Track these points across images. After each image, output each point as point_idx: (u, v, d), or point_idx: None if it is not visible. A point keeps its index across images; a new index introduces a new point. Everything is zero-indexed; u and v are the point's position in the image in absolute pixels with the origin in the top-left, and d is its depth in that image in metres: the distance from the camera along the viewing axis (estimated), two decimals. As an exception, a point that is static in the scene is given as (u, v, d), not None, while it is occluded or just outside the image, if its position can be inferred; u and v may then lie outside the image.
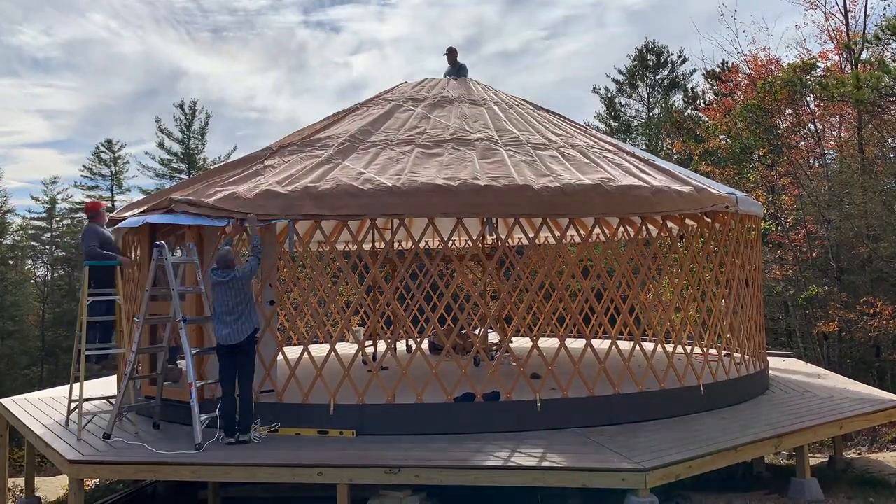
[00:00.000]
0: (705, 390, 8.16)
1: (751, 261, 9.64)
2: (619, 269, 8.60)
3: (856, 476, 8.61)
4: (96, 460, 6.87)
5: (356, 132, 9.33)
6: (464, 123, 9.64)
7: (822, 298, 17.28)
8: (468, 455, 6.53)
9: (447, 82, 11.41)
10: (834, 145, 21.48)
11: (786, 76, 18.41)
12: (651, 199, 7.99)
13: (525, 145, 9.04)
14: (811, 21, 30.10)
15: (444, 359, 7.76)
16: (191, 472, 6.70)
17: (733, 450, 6.72)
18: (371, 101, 10.84)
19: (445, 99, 10.56)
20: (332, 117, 10.51)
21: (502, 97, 11.13)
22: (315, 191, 7.66)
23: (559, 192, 7.68)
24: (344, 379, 7.54)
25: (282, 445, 7.08)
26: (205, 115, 40.81)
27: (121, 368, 8.83)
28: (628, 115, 36.65)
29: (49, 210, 41.51)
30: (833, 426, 7.87)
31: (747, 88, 21.71)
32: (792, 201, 20.17)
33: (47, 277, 42.24)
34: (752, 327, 9.54)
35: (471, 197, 7.56)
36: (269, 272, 8.08)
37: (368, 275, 10.73)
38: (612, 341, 7.95)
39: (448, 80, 11.64)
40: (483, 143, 8.90)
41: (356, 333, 13.66)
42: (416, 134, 9.23)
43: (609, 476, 6.05)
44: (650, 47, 36.06)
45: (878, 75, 15.21)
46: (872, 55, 18.17)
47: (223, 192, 7.93)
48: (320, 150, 8.98)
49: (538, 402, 7.39)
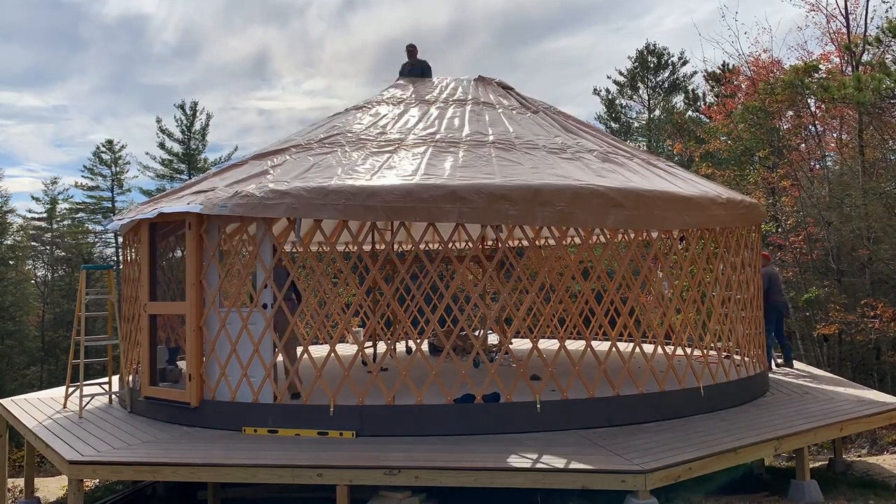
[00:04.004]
0: (705, 392, 8.16)
1: (751, 263, 9.64)
2: (619, 271, 8.59)
3: (856, 478, 8.61)
4: (95, 461, 6.86)
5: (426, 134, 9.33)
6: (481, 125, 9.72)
7: (822, 300, 17.27)
8: (468, 456, 6.52)
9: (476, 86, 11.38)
10: (835, 147, 21.48)
11: (787, 78, 18.40)
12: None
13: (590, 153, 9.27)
14: (812, 23, 30.09)
15: (443, 360, 7.75)
16: (190, 473, 6.69)
17: (733, 452, 6.71)
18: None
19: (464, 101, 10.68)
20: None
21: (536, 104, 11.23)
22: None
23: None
24: (344, 380, 7.54)
25: (282, 446, 7.08)
26: (205, 115, 40.87)
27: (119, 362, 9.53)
28: (629, 117, 36.68)
29: (49, 210, 41.55)
30: (833, 428, 7.86)
31: (748, 90, 21.72)
32: (792, 203, 20.17)
33: (47, 278, 42.29)
34: (753, 329, 9.54)
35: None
36: (269, 273, 8.07)
37: (368, 276, 10.73)
38: (612, 343, 7.94)
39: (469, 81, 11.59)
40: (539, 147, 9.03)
41: (356, 334, 13.66)
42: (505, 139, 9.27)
43: (609, 478, 6.04)
44: (651, 49, 36.08)
45: (879, 77, 15.19)
46: (873, 57, 18.15)
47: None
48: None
49: (538, 404, 7.39)
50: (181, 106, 40.21)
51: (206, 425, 7.92)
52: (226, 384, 7.94)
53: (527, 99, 11.33)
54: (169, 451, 7.05)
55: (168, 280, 9.21)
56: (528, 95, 11.57)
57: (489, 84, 11.63)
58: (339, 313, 14.36)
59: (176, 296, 8.87)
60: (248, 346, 7.83)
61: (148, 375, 8.57)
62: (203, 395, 8.06)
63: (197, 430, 7.86)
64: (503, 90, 11.49)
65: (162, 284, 9.00)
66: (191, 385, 8.02)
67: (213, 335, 8.07)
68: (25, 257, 40.32)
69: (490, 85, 11.58)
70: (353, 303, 11.43)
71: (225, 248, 8.95)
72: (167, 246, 9.27)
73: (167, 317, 9.02)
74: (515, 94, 11.46)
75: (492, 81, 11.73)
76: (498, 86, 11.60)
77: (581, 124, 11.00)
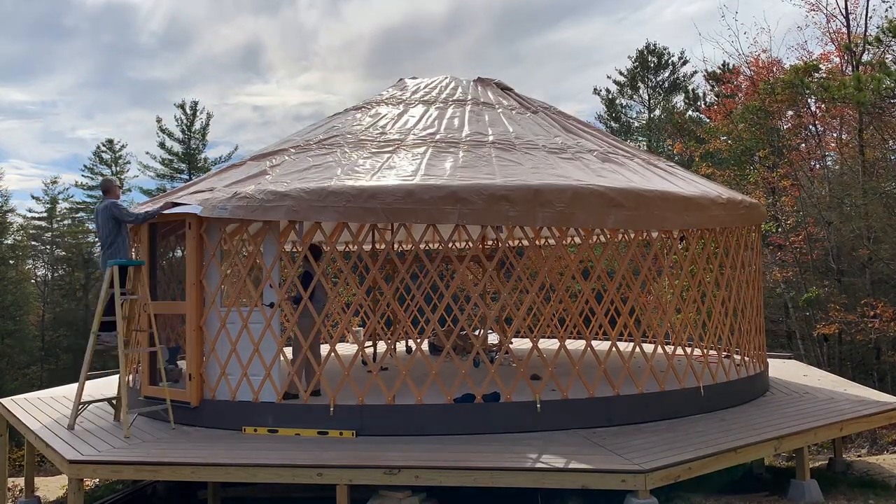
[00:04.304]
0: (705, 392, 8.16)
1: (750, 262, 9.64)
2: (620, 271, 8.60)
3: (856, 478, 8.61)
4: (96, 460, 6.86)
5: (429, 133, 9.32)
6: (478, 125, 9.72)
7: (822, 300, 17.27)
8: (468, 456, 6.52)
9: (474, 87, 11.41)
10: (835, 147, 21.49)
11: (787, 78, 18.41)
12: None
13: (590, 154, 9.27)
14: (812, 23, 30.12)
15: (443, 360, 7.76)
16: (191, 473, 6.69)
17: (733, 451, 6.71)
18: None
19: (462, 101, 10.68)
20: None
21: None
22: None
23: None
24: (344, 379, 7.54)
25: (282, 445, 7.09)
26: (206, 115, 40.88)
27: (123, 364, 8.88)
28: (629, 117, 36.70)
29: (50, 210, 41.56)
30: (833, 428, 7.86)
31: (748, 90, 21.72)
32: (792, 203, 20.17)
33: (48, 277, 42.30)
34: (753, 329, 9.54)
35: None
36: (269, 273, 8.07)
37: (368, 275, 10.73)
38: (612, 342, 7.95)
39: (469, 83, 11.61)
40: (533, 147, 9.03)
41: (356, 334, 13.67)
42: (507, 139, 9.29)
43: (609, 477, 6.05)
44: (651, 49, 36.09)
45: (879, 77, 15.20)
46: (873, 57, 18.16)
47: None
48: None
49: (538, 403, 7.39)
50: (181, 105, 40.28)
51: (207, 425, 7.92)
52: (226, 384, 7.95)
53: (526, 99, 11.33)
54: (169, 451, 7.05)
55: (168, 280, 9.19)
56: (527, 95, 11.57)
57: (488, 85, 11.62)
58: (339, 313, 14.37)
59: (176, 295, 8.86)
60: (248, 346, 7.84)
61: (147, 375, 8.57)
62: (203, 395, 8.07)
63: (197, 429, 7.86)
64: (502, 91, 11.49)
65: (162, 284, 9.00)
66: (191, 385, 8.03)
67: (213, 335, 8.08)
68: (25, 257, 40.34)
69: (489, 86, 11.58)
70: (354, 302, 11.43)
71: (226, 248, 8.95)
72: (167, 245, 9.26)
73: (167, 316, 9.01)
74: (514, 94, 11.46)
75: (491, 82, 11.73)
76: (497, 86, 11.60)
77: (581, 124, 11.01)
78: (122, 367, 7.94)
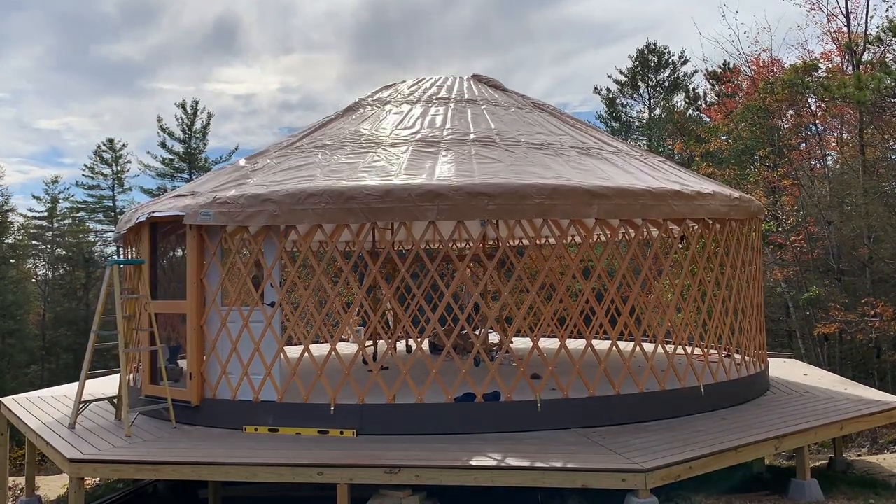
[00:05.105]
0: (706, 391, 8.16)
1: (751, 262, 9.63)
2: (620, 270, 8.60)
3: (856, 477, 8.61)
4: (96, 459, 6.87)
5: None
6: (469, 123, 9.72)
7: (822, 300, 17.27)
8: (468, 455, 6.52)
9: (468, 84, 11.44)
10: (835, 147, 21.49)
11: (788, 77, 18.41)
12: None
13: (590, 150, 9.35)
14: (813, 22, 30.11)
15: (444, 359, 7.76)
16: (192, 471, 6.70)
17: (734, 450, 6.71)
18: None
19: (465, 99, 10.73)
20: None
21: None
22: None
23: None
24: (344, 379, 7.55)
25: (282, 445, 7.09)
26: (206, 114, 40.91)
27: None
28: (630, 116, 36.70)
29: (50, 209, 41.60)
30: (833, 427, 7.86)
31: (748, 89, 21.72)
32: (793, 202, 20.17)
33: (48, 276, 42.33)
34: (753, 328, 9.53)
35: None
36: (269, 272, 8.07)
37: (368, 275, 10.73)
38: (613, 342, 7.95)
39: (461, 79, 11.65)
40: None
41: (356, 333, 13.67)
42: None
43: (609, 476, 6.05)
44: (651, 48, 36.09)
45: (879, 76, 15.21)
46: (874, 56, 18.18)
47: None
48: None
49: (538, 403, 7.40)
50: (182, 105, 40.31)
51: (207, 424, 7.93)
52: (227, 383, 7.96)
53: (512, 94, 11.42)
54: (170, 450, 7.06)
55: (169, 279, 9.20)
56: (514, 90, 11.69)
57: (479, 82, 11.74)
58: (339, 312, 14.35)
59: (177, 294, 8.86)
60: (249, 345, 7.84)
61: (148, 374, 8.58)
62: (204, 394, 8.08)
63: (198, 428, 7.87)
64: (491, 88, 11.60)
65: (162, 283, 9.00)
66: (192, 384, 8.04)
67: (213, 334, 8.09)
68: (26, 256, 40.38)
69: (480, 83, 11.67)
70: (354, 302, 11.41)
71: (226, 247, 8.96)
72: (168, 244, 9.27)
73: (168, 315, 9.01)
74: (500, 88, 11.58)
75: (481, 79, 11.87)
76: (486, 84, 11.69)
77: (571, 119, 11.02)
78: (122, 366, 7.97)
